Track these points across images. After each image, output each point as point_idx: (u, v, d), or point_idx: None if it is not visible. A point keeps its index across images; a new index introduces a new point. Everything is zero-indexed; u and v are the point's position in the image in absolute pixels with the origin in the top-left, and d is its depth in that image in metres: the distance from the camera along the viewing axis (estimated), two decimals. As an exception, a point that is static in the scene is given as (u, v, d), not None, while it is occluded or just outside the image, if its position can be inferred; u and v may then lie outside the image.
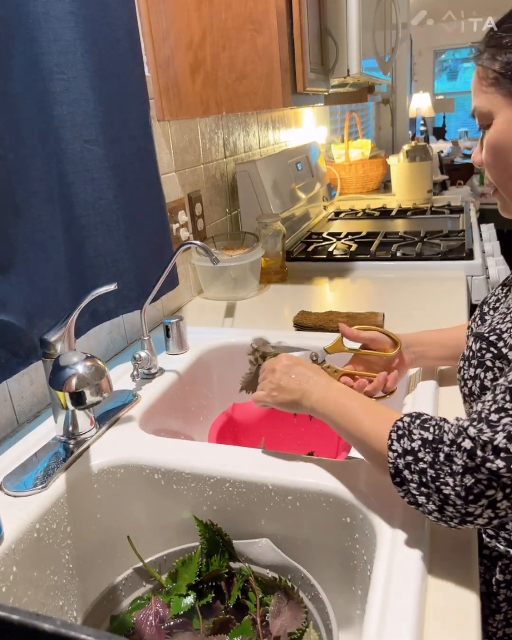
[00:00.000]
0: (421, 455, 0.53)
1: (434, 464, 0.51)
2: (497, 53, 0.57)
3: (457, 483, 0.49)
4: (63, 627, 0.26)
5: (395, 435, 0.56)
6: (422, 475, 0.52)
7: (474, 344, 0.67)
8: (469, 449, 0.49)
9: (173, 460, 0.75)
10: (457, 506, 0.50)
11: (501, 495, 0.48)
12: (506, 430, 0.48)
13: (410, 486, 0.53)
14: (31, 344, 0.80)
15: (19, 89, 0.76)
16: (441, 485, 0.51)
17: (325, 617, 0.63)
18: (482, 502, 0.49)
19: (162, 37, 1.17)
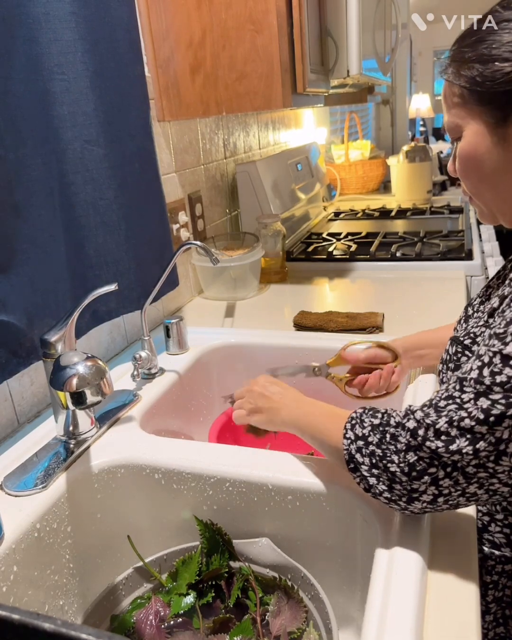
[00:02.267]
0: (371, 439, 0.57)
1: (380, 444, 0.55)
2: (461, 68, 0.58)
3: (401, 460, 0.53)
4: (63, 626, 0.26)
5: (349, 424, 0.60)
6: (372, 456, 0.56)
7: (450, 348, 0.69)
8: (411, 428, 0.53)
9: (173, 460, 0.75)
10: (403, 483, 0.53)
11: (442, 473, 0.51)
12: (448, 415, 0.51)
13: (362, 468, 0.57)
14: (31, 344, 0.80)
15: (20, 89, 0.76)
16: (387, 464, 0.54)
17: (325, 617, 0.63)
18: (426, 479, 0.52)
19: (162, 37, 1.17)
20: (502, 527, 0.69)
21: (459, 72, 0.58)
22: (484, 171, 0.61)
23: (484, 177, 0.61)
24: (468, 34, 0.58)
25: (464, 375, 0.53)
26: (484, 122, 0.58)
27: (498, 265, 1.54)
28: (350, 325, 1.13)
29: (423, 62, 5.54)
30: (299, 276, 1.55)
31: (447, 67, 0.60)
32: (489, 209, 0.65)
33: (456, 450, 0.50)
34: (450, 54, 0.60)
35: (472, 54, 0.56)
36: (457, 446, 0.50)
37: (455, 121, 0.61)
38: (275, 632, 0.63)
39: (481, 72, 0.55)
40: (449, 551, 0.58)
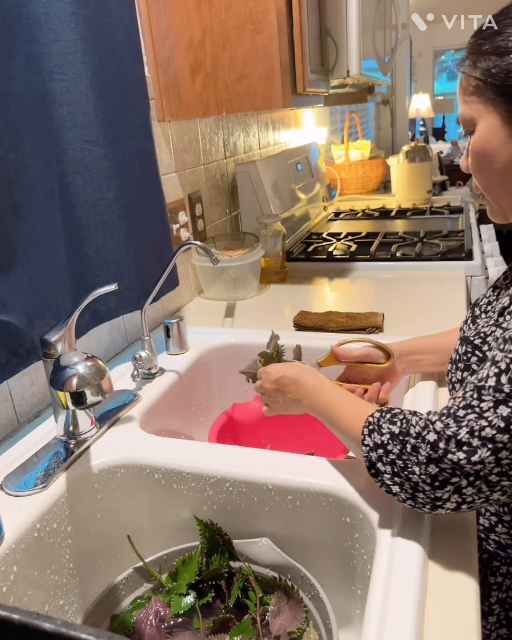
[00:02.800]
0: (390, 448, 0.56)
1: (401, 455, 0.55)
2: (478, 60, 0.58)
3: (422, 472, 0.53)
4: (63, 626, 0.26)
5: (366, 430, 0.59)
6: (393, 465, 0.56)
7: (460, 347, 0.69)
8: (432, 441, 0.52)
9: (173, 460, 0.75)
10: (426, 492, 0.53)
11: (466, 482, 0.51)
12: (469, 425, 0.51)
13: (384, 477, 0.57)
14: (31, 344, 0.80)
15: (20, 90, 0.76)
16: (409, 474, 0.54)
17: (325, 617, 0.63)
18: (448, 489, 0.52)
19: (162, 37, 1.17)
20: (509, 528, 0.69)
21: (475, 65, 0.58)
22: (496, 166, 0.60)
23: (496, 172, 0.61)
24: (486, 28, 0.58)
25: (482, 383, 0.52)
26: (499, 116, 0.57)
27: (498, 266, 1.55)
28: (350, 325, 1.13)
29: (423, 62, 5.55)
30: (299, 276, 1.55)
31: (464, 59, 0.60)
32: (500, 205, 0.64)
33: (478, 460, 0.50)
34: (467, 47, 0.60)
35: (489, 46, 0.56)
36: (479, 457, 0.50)
37: (469, 114, 0.60)
38: (275, 632, 0.63)
39: (497, 64, 0.55)
40: (449, 551, 0.58)
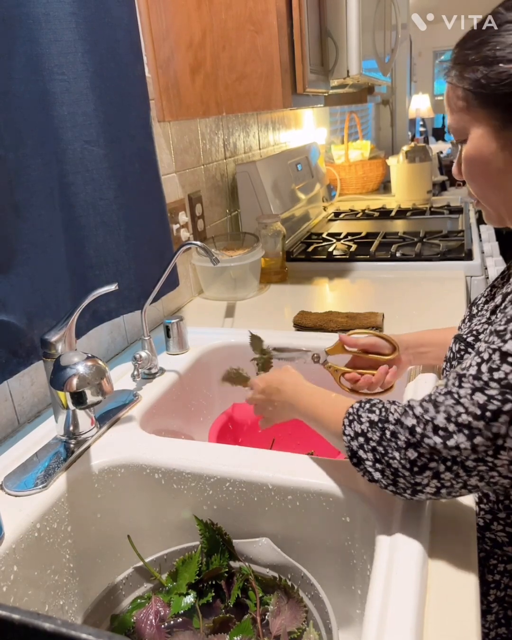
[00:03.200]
0: (370, 435, 0.58)
1: (381, 441, 0.57)
2: (465, 70, 0.58)
3: (402, 456, 0.55)
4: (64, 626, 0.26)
5: (347, 420, 0.61)
6: (374, 452, 0.57)
7: (454, 345, 0.70)
8: (410, 426, 0.54)
9: (173, 459, 0.75)
10: (406, 477, 0.55)
11: (443, 467, 0.53)
12: (446, 411, 0.52)
13: (366, 464, 0.58)
14: (31, 344, 0.80)
15: (20, 90, 0.76)
16: (389, 460, 0.56)
17: (325, 617, 0.63)
18: (427, 474, 0.54)
19: (162, 38, 1.17)
20: (505, 525, 0.69)
21: (462, 75, 0.58)
22: (490, 174, 0.61)
23: (491, 180, 0.61)
24: (470, 37, 0.58)
25: (463, 371, 0.54)
26: (490, 125, 0.58)
27: (498, 265, 1.55)
28: (350, 325, 1.13)
29: (423, 63, 5.54)
30: (299, 276, 1.55)
31: (449, 70, 0.60)
32: (497, 211, 0.65)
33: (454, 445, 0.51)
34: (452, 57, 0.60)
35: (476, 56, 0.56)
36: (455, 442, 0.51)
37: (459, 124, 0.61)
38: (275, 632, 0.63)
39: (485, 74, 0.55)
40: (449, 550, 0.58)
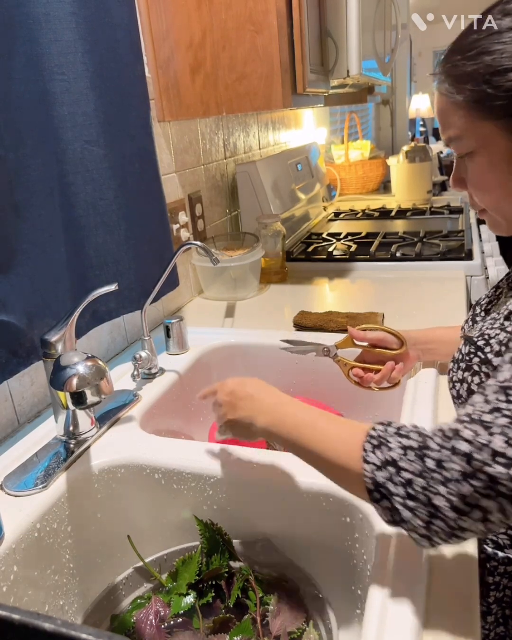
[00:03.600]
0: (404, 465, 0.47)
1: (423, 472, 0.46)
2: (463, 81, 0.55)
3: (451, 491, 0.44)
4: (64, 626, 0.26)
5: (369, 445, 0.50)
6: (408, 486, 0.47)
7: (463, 347, 0.67)
8: (467, 452, 0.44)
9: (173, 459, 0.75)
10: (448, 519, 0.45)
11: (495, 506, 0.44)
12: (503, 433, 0.44)
13: (394, 500, 0.47)
14: (31, 344, 0.80)
15: (20, 90, 0.76)
16: (431, 496, 0.45)
17: (325, 617, 0.64)
18: (476, 515, 0.44)
19: (162, 38, 1.17)
20: (507, 528, 0.69)
21: (460, 86, 0.55)
22: (507, 183, 0.58)
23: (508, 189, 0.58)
24: (462, 46, 0.56)
25: (506, 383, 0.46)
26: (501, 136, 0.55)
27: (498, 265, 1.55)
28: (350, 325, 1.13)
29: (423, 63, 5.54)
30: (299, 276, 1.55)
31: (440, 81, 0.57)
32: (509, 219, 0.62)
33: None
34: (443, 68, 0.57)
35: (477, 66, 0.53)
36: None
37: (463, 136, 0.58)
38: (275, 632, 0.63)
39: (493, 84, 0.53)
40: (449, 551, 0.58)
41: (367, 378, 0.87)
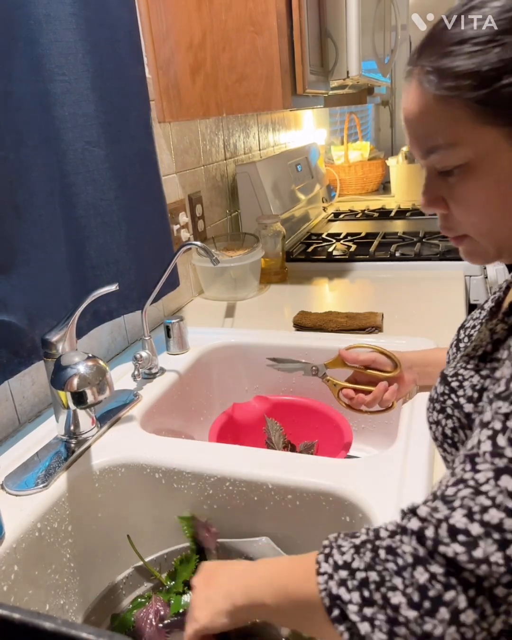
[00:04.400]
0: (356, 565, 0.40)
1: (374, 565, 0.39)
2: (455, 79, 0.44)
3: (407, 582, 0.37)
4: (64, 625, 0.27)
5: (322, 556, 0.44)
6: (363, 587, 0.39)
7: (439, 386, 0.58)
8: (416, 530, 0.38)
9: (173, 459, 0.75)
10: (410, 623, 0.36)
11: (464, 600, 0.35)
12: (464, 505, 0.37)
13: (349, 610, 0.39)
14: (32, 344, 0.80)
15: (20, 90, 0.76)
16: (387, 592, 0.38)
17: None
18: (442, 614, 0.36)
19: (162, 38, 1.17)
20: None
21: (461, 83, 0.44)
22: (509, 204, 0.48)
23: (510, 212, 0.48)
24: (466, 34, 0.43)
25: (472, 450, 0.39)
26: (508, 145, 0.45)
27: (497, 266, 1.54)
28: (350, 325, 1.13)
29: (423, 63, 5.53)
30: (299, 276, 1.56)
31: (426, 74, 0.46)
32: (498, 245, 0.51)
33: (481, 558, 0.35)
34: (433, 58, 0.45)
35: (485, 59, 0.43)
36: (482, 552, 0.35)
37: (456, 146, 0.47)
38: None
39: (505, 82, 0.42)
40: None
41: (359, 400, 0.80)
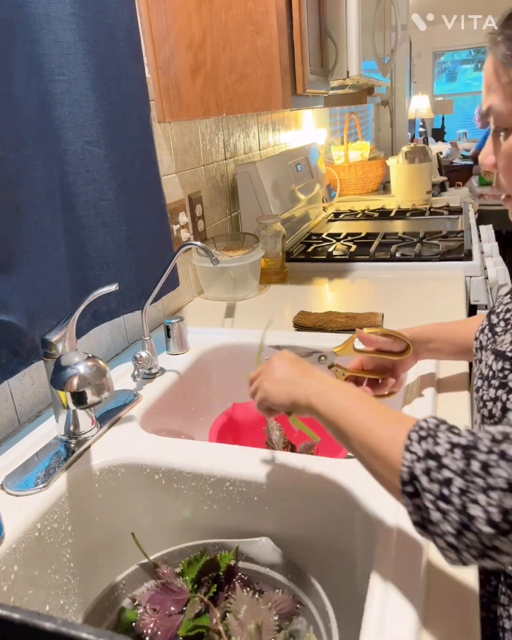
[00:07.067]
0: (447, 462, 0.42)
1: (464, 473, 0.40)
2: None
3: (492, 502, 0.38)
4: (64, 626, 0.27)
5: (416, 435, 0.45)
6: (445, 486, 0.41)
7: (494, 363, 0.59)
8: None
9: (174, 459, 0.75)
10: (482, 534, 0.39)
11: None
12: None
13: (425, 497, 0.42)
14: (32, 344, 0.80)
15: (20, 90, 0.76)
16: (468, 502, 0.39)
17: (325, 617, 0.63)
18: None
19: (162, 38, 1.17)
20: None
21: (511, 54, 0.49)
22: None
23: None
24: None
25: None
26: None
27: (497, 266, 1.55)
28: (350, 325, 1.13)
29: (422, 63, 5.55)
30: (299, 276, 1.56)
31: (497, 43, 0.51)
32: None
33: None
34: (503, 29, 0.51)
35: None
36: None
37: (504, 110, 0.52)
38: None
39: None
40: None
41: (364, 391, 0.81)
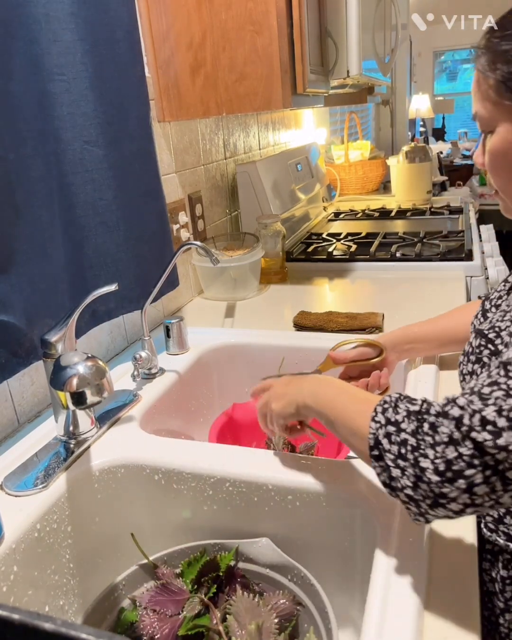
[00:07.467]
0: (404, 426, 0.51)
1: (416, 433, 0.49)
2: (497, 60, 0.55)
3: (437, 455, 0.47)
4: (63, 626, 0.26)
5: (380, 408, 0.54)
6: (402, 445, 0.50)
7: (474, 340, 0.68)
8: (457, 416, 0.47)
9: (173, 460, 0.75)
10: (432, 484, 0.47)
11: (481, 477, 0.45)
12: (496, 403, 0.45)
13: (386, 457, 0.51)
14: (31, 344, 0.80)
15: (19, 90, 0.76)
16: (419, 457, 0.48)
17: (325, 617, 0.63)
18: (460, 484, 0.46)
19: (162, 38, 1.17)
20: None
21: (494, 65, 0.55)
22: None
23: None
24: (503, 24, 0.55)
25: (509, 359, 0.48)
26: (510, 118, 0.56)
27: (498, 266, 1.55)
28: (350, 325, 1.13)
29: (423, 63, 5.54)
30: (299, 276, 1.55)
31: (478, 56, 0.57)
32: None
33: (503, 445, 0.43)
34: (482, 43, 0.57)
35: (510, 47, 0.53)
36: (505, 441, 0.43)
37: (488, 114, 0.58)
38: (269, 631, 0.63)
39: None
40: (449, 550, 0.58)
41: None
